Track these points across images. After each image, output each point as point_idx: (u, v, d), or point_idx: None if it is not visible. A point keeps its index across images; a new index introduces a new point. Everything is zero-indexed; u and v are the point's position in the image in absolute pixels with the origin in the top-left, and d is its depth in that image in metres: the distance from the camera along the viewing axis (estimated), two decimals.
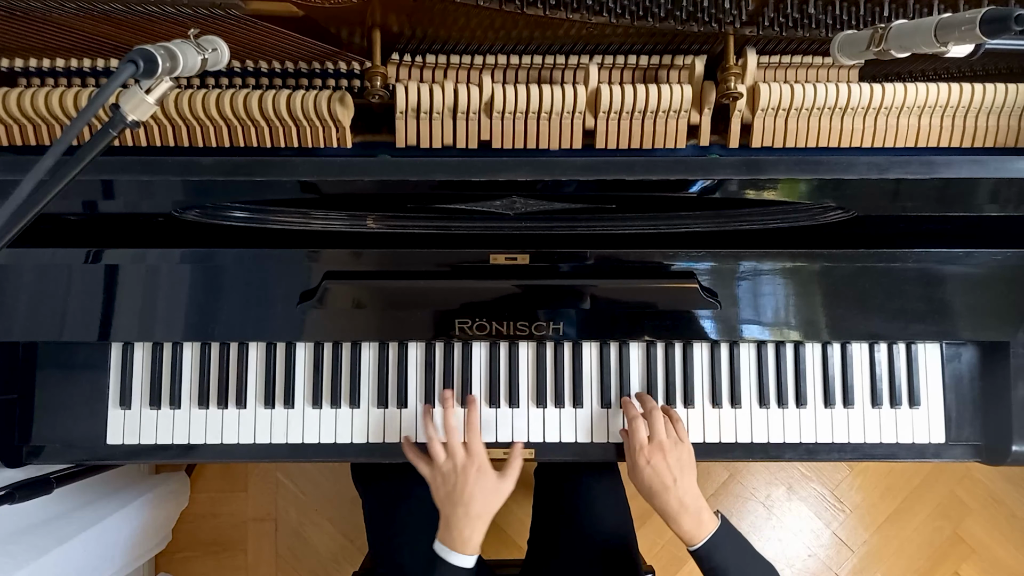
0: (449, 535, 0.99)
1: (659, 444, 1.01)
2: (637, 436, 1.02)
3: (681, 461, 1.01)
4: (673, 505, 0.99)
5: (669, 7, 0.93)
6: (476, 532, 1.00)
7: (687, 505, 0.99)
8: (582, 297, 1.06)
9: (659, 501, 1.00)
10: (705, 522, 0.99)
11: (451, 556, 0.98)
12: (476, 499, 1.00)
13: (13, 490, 1.10)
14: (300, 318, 1.06)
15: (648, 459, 1.00)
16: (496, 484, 1.03)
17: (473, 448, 1.03)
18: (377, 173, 0.93)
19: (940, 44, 0.71)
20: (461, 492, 1.00)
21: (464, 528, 0.99)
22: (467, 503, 0.99)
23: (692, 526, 0.98)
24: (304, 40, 0.93)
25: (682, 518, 0.98)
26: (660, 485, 0.99)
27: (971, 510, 1.96)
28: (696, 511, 0.99)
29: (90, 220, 0.99)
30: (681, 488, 0.99)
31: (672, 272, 1.05)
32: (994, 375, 1.12)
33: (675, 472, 1.00)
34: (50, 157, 0.63)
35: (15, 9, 0.87)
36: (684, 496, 0.99)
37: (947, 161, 0.94)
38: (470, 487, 1.00)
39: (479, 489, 1.00)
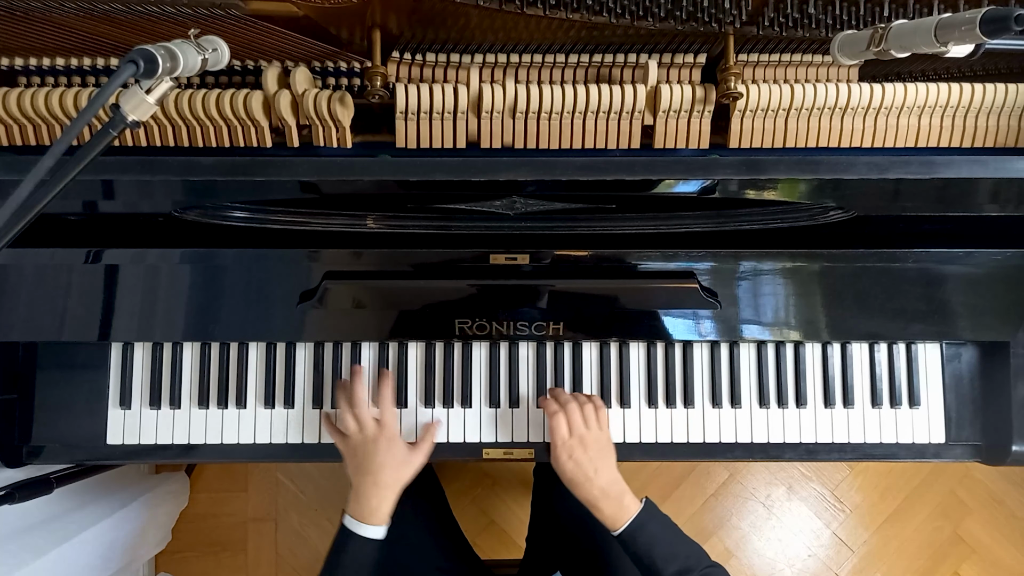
0: (358, 506, 1.00)
1: (579, 438, 1.02)
2: (558, 432, 1.03)
3: (601, 451, 1.02)
4: (595, 493, 0.99)
5: (669, 7, 0.93)
6: (385, 502, 1.00)
7: (608, 492, 1.00)
8: (582, 297, 1.06)
9: (583, 491, 1.01)
10: (627, 506, 0.99)
11: (359, 527, 0.98)
12: (385, 469, 1.01)
13: (13, 490, 1.10)
14: (300, 318, 1.06)
15: (570, 454, 1.01)
16: (406, 455, 1.04)
17: (384, 419, 1.04)
18: (377, 173, 0.93)
19: (940, 44, 0.71)
20: (371, 462, 1.01)
21: (372, 497, 0.99)
22: (376, 472, 1.00)
23: (614, 510, 0.99)
24: (304, 40, 0.93)
25: (603, 504, 0.99)
26: (583, 477, 1.00)
27: (971, 510, 1.96)
28: (617, 496, 1.00)
29: (90, 220, 0.99)
30: (602, 477, 1.00)
31: (672, 272, 1.05)
32: (994, 375, 1.12)
33: (596, 463, 1.01)
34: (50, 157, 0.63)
35: (15, 9, 0.87)
36: (605, 484, 1.00)
37: (947, 161, 0.94)
38: (380, 457, 1.01)
39: (389, 459, 1.01)
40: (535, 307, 1.07)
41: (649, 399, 1.13)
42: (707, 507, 1.94)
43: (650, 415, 1.14)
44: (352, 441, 1.04)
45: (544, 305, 1.07)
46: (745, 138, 1.04)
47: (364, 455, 1.02)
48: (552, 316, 1.07)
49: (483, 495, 1.93)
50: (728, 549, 1.94)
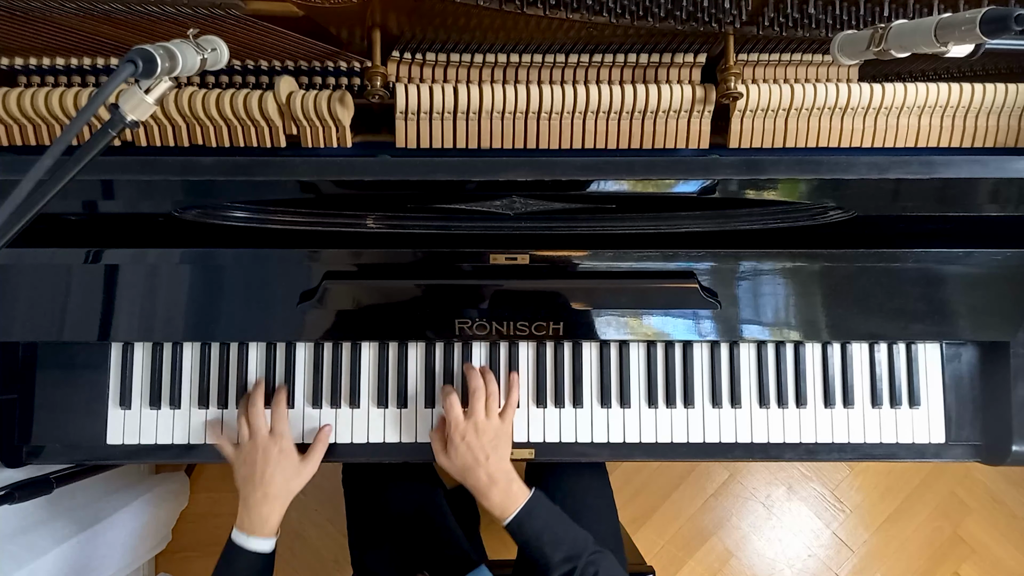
0: (248, 518, 0.99)
1: (474, 423, 1.02)
2: (452, 413, 1.03)
3: (495, 439, 1.02)
4: (483, 480, 0.99)
5: (669, 7, 0.93)
6: (274, 513, 1.00)
7: (497, 480, 0.99)
8: (582, 297, 1.06)
9: (471, 477, 1.00)
10: (515, 494, 0.99)
11: (248, 541, 0.98)
12: (276, 480, 1.00)
13: (13, 490, 1.10)
14: (300, 318, 1.06)
15: (463, 435, 1.01)
16: (297, 467, 1.04)
17: (277, 429, 1.04)
18: (377, 173, 0.93)
19: (940, 44, 0.71)
20: (262, 473, 1.00)
21: (263, 508, 0.99)
22: (267, 484, 1.00)
23: (501, 498, 0.99)
24: (304, 40, 0.93)
25: (491, 491, 0.99)
26: (472, 460, 1.00)
27: (971, 510, 1.96)
28: (506, 484, 1.00)
29: (90, 220, 0.99)
30: (492, 464, 1.00)
31: (672, 272, 1.05)
32: (994, 375, 1.12)
33: (488, 450, 1.01)
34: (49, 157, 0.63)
35: (15, 9, 0.87)
36: (494, 471, 1.00)
37: (947, 161, 0.93)
38: (271, 468, 1.01)
39: (280, 470, 1.01)
40: (535, 307, 1.07)
41: (649, 399, 1.13)
42: (707, 507, 1.94)
43: (650, 415, 1.14)
44: (243, 450, 1.04)
45: (544, 305, 1.07)
46: (745, 138, 1.04)
47: (254, 464, 1.01)
48: (552, 316, 1.07)
49: None
50: (728, 549, 1.94)
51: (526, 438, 1.13)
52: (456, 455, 1.01)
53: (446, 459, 1.04)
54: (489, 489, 0.99)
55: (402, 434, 1.13)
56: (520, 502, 0.99)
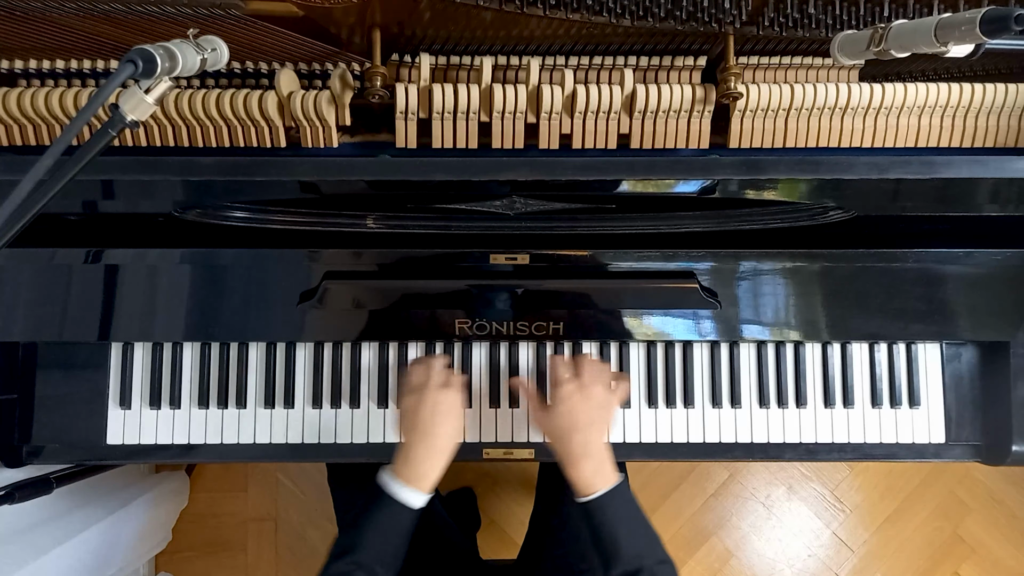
0: (407, 467, 0.93)
1: (581, 384, 0.98)
2: (558, 370, 0.99)
3: (601, 410, 0.98)
4: (578, 448, 0.94)
5: (669, 7, 0.93)
6: (436, 469, 0.94)
7: (591, 452, 0.94)
8: (582, 297, 1.06)
9: (566, 441, 0.95)
10: (607, 473, 0.93)
11: (403, 490, 0.91)
12: (445, 434, 0.95)
13: (13, 490, 1.10)
14: (300, 318, 1.06)
15: (569, 395, 0.97)
16: (461, 425, 0.99)
17: (451, 381, 1.00)
18: (377, 173, 0.93)
19: (940, 44, 0.71)
20: (431, 423, 0.95)
21: (425, 461, 0.93)
22: (435, 435, 0.95)
23: (591, 473, 0.93)
24: (304, 40, 0.93)
25: (583, 462, 0.93)
26: (571, 424, 0.95)
27: (971, 510, 1.96)
28: (600, 459, 0.94)
29: (90, 220, 0.99)
30: (592, 434, 0.95)
31: (672, 272, 1.05)
32: (994, 375, 1.11)
33: (594, 415, 0.96)
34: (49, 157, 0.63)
35: (15, 9, 0.87)
36: (592, 443, 0.95)
37: (947, 161, 0.93)
38: (440, 419, 0.95)
39: (449, 423, 0.96)
40: (535, 307, 1.07)
41: (649, 399, 1.13)
42: (707, 507, 1.94)
43: (650, 415, 1.14)
44: (413, 397, 0.98)
45: (544, 305, 1.07)
46: (745, 138, 1.04)
47: (423, 413, 0.96)
48: (552, 316, 1.07)
49: (483, 495, 1.93)
50: (728, 549, 1.94)
51: (526, 438, 1.13)
52: (556, 414, 0.97)
53: (544, 417, 0.99)
54: (581, 459, 0.93)
55: None
56: (610, 482, 0.92)
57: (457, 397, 0.99)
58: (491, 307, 1.07)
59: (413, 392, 0.99)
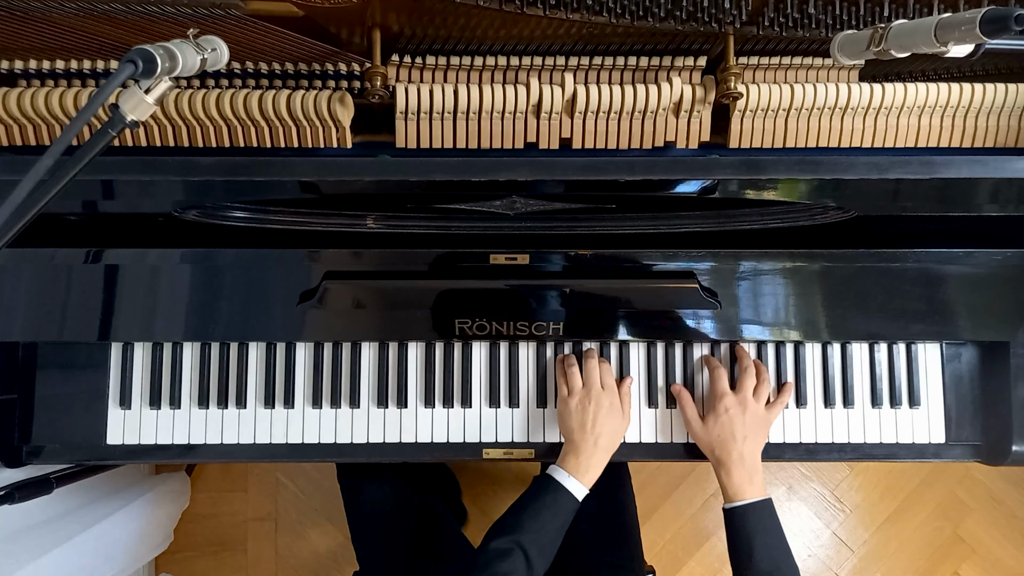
0: (575, 461, 1.01)
1: (742, 400, 1.05)
2: (720, 383, 1.05)
3: (756, 423, 1.04)
4: (734, 457, 1.01)
5: (669, 7, 0.93)
6: (601, 464, 1.02)
7: (746, 461, 1.01)
8: (582, 297, 1.06)
9: (722, 450, 1.02)
10: (756, 484, 1.01)
11: (569, 480, 0.99)
12: (607, 431, 1.03)
13: (13, 490, 1.10)
14: (300, 318, 1.06)
15: (728, 408, 1.03)
16: (622, 423, 1.06)
17: (609, 384, 1.06)
18: (377, 173, 0.93)
19: (940, 44, 0.71)
20: (594, 422, 1.02)
21: (592, 456, 1.01)
22: (598, 434, 1.02)
23: (742, 481, 1.00)
24: (304, 40, 0.93)
25: (736, 471, 1.00)
26: (729, 435, 1.02)
27: (971, 510, 1.96)
28: (752, 470, 1.01)
29: (90, 220, 0.99)
30: (747, 446, 1.02)
31: (672, 272, 1.05)
32: (994, 375, 1.12)
33: (748, 430, 1.03)
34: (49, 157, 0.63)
35: (15, 9, 0.87)
36: (747, 453, 1.01)
37: (947, 161, 0.93)
38: (602, 418, 1.03)
39: (610, 421, 1.04)
40: (535, 307, 1.07)
41: (649, 399, 1.13)
42: (707, 507, 1.94)
43: (650, 415, 1.14)
44: (576, 397, 1.05)
45: (544, 305, 1.07)
46: (745, 138, 1.04)
47: (587, 413, 1.03)
48: (552, 316, 1.07)
49: (483, 495, 1.93)
50: None
51: (526, 438, 1.13)
52: (716, 425, 1.03)
53: (702, 429, 1.06)
54: (735, 468, 1.00)
55: (402, 434, 1.13)
56: (758, 494, 1.00)
57: (615, 398, 1.06)
58: (491, 307, 1.07)
59: (576, 393, 1.06)
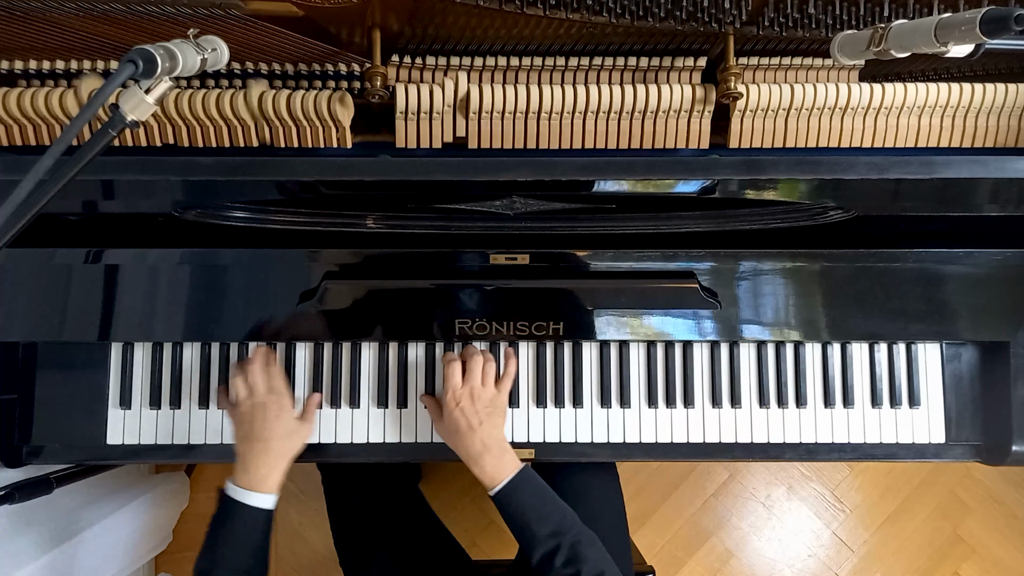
0: (246, 475, 0.98)
1: (470, 389, 1.04)
2: (451, 380, 1.05)
3: (490, 407, 1.04)
4: (477, 447, 1.01)
5: (669, 7, 0.93)
6: (275, 471, 0.99)
7: (489, 447, 1.01)
8: (582, 297, 1.06)
9: (463, 442, 1.02)
10: (506, 464, 1.00)
11: (247, 496, 0.96)
12: (275, 434, 1.01)
13: (13, 490, 1.10)
14: (300, 318, 1.06)
15: (458, 402, 1.03)
16: (296, 425, 1.04)
17: (276, 387, 1.05)
18: (377, 173, 0.93)
19: (940, 44, 0.71)
20: (261, 427, 1.00)
21: (262, 466, 0.98)
22: (266, 439, 1.00)
23: (492, 466, 1.00)
24: (304, 40, 0.93)
25: (483, 458, 1.00)
26: (466, 426, 1.02)
27: (971, 510, 1.96)
28: (498, 452, 1.01)
29: (90, 220, 0.99)
30: (485, 430, 1.01)
31: (672, 272, 1.05)
32: (994, 375, 1.12)
33: (482, 416, 1.03)
34: (50, 157, 0.63)
35: (15, 9, 0.87)
36: (487, 438, 1.01)
37: (947, 161, 0.93)
38: (270, 422, 1.01)
39: (279, 424, 1.02)
40: (535, 307, 1.07)
41: (649, 399, 1.13)
42: (707, 507, 1.94)
43: (650, 415, 1.14)
44: (242, 408, 1.03)
45: (544, 305, 1.07)
46: (745, 138, 1.04)
47: (253, 421, 1.01)
48: (552, 316, 1.07)
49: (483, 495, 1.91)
50: (728, 549, 1.94)
51: (526, 438, 1.13)
52: (450, 420, 1.03)
53: (440, 425, 1.06)
54: (481, 456, 1.00)
55: (402, 434, 1.13)
56: (510, 472, 0.99)
57: (285, 399, 1.04)
58: (491, 307, 1.07)
59: (241, 403, 1.04)
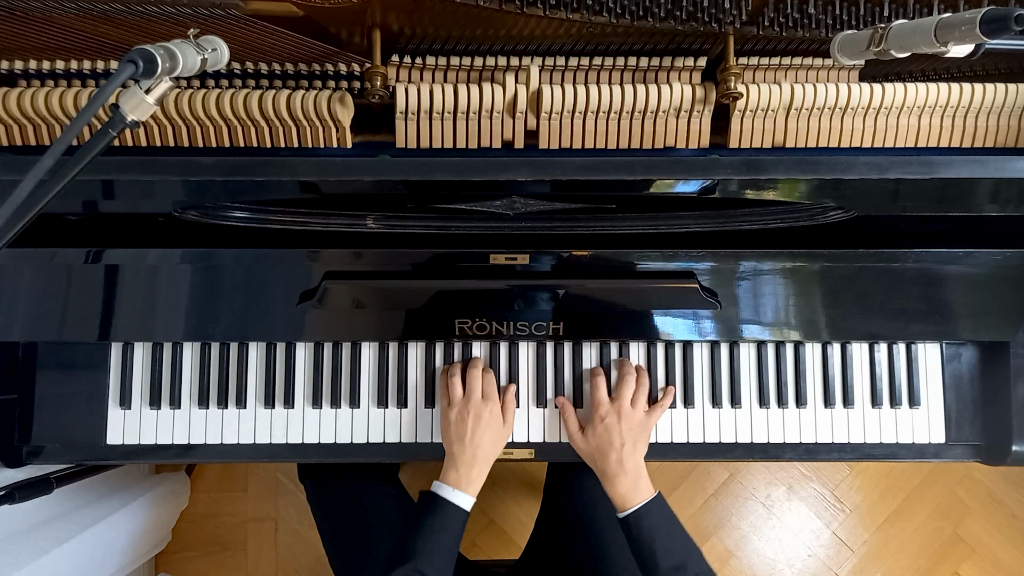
0: (456, 474, 1.01)
1: (619, 408, 1.05)
2: (598, 393, 1.05)
3: (634, 430, 1.04)
4: (613, 466, 1.01)
5: (669, 7, 0.93)
6: (482, 475, 1.03)
7: (628, 470, 1.01)
8: (582, 297, 1.06)
9: (603, 460, 1.02)
10: (641, 489, 1.00)
11: (453, 494, 0.99)
12: (485, 442, 1.03)
13: (13, 490, 1.10)
14: (300, 318, 1.06)
15: (604, 417, 1.04)
16: (504, 432, 1.07)
17: (489, 392, 1.06)
18: (377, 173, 0.93)
19: (940, 44, 0.71)
20: (472, 434, 1.03)
21: (473, 468, 1.02)
22: (476, 445, 1.03)
23: (627, 489, 1.00)
24: (304, 40, 0.93)
25: (619, 480, 1.00)
26: (607, 444, 1.02)
27: (971, 510, 1.96)
28: (635, 476, 1.01)
29: (90, 220, 0.99)
30: (626, 453, 1.02)
31: (672, 272, 1.05)
32: (994, 375, 1.12)
33: (626, 437, 1.03)
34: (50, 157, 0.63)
35: (15, 9, 0.87)
36: (627, 461, 1.01)
37: (947, 161, 0.93)
38: (481, 430, 1.03)
39: (489, 432, 1.04)
40: (535, 307, 1.07)
41: (649, 399, 1.13)
42: (707, 507, 1.94)
43: None
44: (458, 408, 1.05)
45: (544, 305, 1.07)
46: (745, 138, 1.04)
47: (465, 424, 1.03)
48: (552, 316, 1.07)
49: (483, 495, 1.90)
50: (728, 549, 1.94)
51: (526, 438, 1.13)
52: (593, 436, 1.04)
53: (581, 439, 1.06)
54: (617, 477, 1.00)
55: (402, 434, 1.13)
56: (644, 497, 1.00)
57: (496, 408, 1.07)
58: (491, 307, 1.07)
59: (454, 405, 1.06)
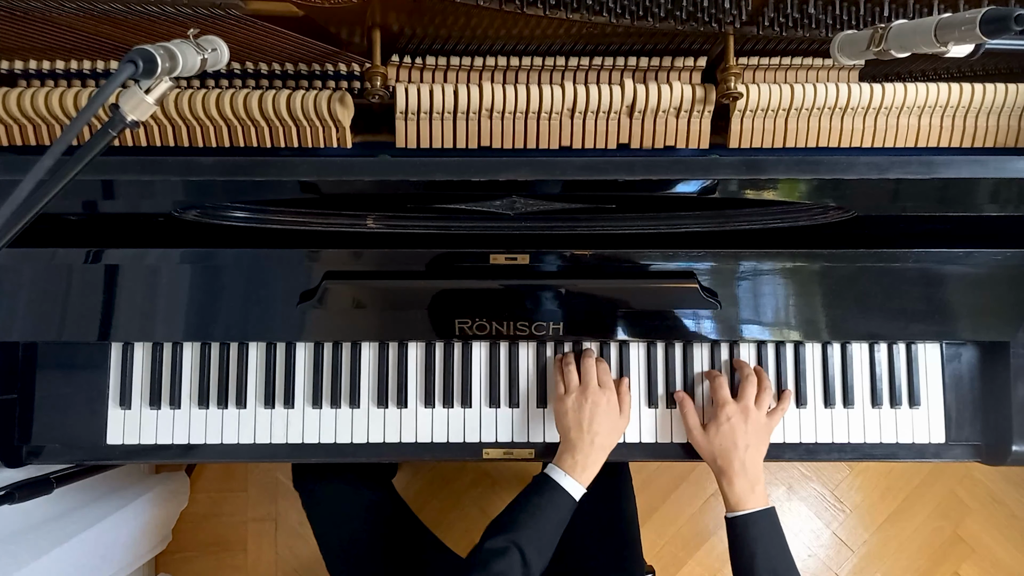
0: (572, 460, 1.00)
1: (744, 408, 1.04)
2: (721, 392, 1.05)
3: (758, 432, 1.04)
4: (735, 466, 1.01)
5: (669, 7, 0.93)
6: (598, 463, 1.02)
7: (747, 470, 1.01)
8: (582, 297, 1.06)
9: (724, 459, 1.01)
10: (758, 494, 1.00)
11: (565, 479, 0.98)
12: (603, 430, 1.02)
13: (13, 490, 1.10)
14: (300, 318, 1.06)
15: (729, 417, 1.03)
16: (621, 423, 1.06)
17: (605, 381, 1.06)
18: (377, 173, 0.93)
19: (940, 44, 0.71)
20: (590, 421, 1.02)
21: (589, 455, 1.01)
22: (594, 432, 1.02)
23: (744, 491, 1.00)
24: (304, 40, 0.93)
25: (738, 480, 1.00)
26: (731, 443, 1.02)
27: (971, 510, 1.96)
28: (754, 479, 1.01)
29: (90, 220, 0.99)
30: (749, 454, 1.01)
31: (672, 272, 1.05)
32: (994, 375, 1.12)
33: (750, 438, 1.02)
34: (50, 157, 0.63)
35: (15, 9, 0.87)
36: (748, 462, 1.01)
37: (947, 161, 0.93)
38: (599, 417, 1.02)
39: (607, 420, 1.03)
40: (535, 307, 1.07)
41: (649, 399, 1.13)
42: (707, 507, 1.94)
43: (650, 415, 1.14)
44: (575, 396, 1.04)
45: (544, 305, 1.07)
46: (745, 138, 1.04)
47: (583, 411, 1.02)
48: (552, 316, 1.07)
49: (483, 495, 1.93)
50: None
51: (526, 438, 1.13)
52: (717, 434, 1.03)
53: (703, 437, 1.05)
54: (737, 477, 1.00)
55: (402, 434, 1.13)
56: (759, 504, 1.00)
57: (613, 396, 1.06)
58: (491, 307, 1.07)
59: (572, 391, 1.05)
